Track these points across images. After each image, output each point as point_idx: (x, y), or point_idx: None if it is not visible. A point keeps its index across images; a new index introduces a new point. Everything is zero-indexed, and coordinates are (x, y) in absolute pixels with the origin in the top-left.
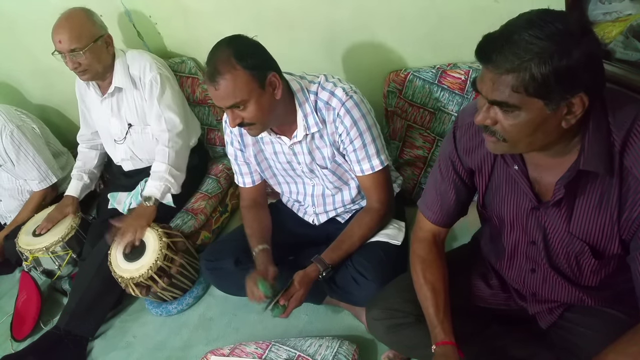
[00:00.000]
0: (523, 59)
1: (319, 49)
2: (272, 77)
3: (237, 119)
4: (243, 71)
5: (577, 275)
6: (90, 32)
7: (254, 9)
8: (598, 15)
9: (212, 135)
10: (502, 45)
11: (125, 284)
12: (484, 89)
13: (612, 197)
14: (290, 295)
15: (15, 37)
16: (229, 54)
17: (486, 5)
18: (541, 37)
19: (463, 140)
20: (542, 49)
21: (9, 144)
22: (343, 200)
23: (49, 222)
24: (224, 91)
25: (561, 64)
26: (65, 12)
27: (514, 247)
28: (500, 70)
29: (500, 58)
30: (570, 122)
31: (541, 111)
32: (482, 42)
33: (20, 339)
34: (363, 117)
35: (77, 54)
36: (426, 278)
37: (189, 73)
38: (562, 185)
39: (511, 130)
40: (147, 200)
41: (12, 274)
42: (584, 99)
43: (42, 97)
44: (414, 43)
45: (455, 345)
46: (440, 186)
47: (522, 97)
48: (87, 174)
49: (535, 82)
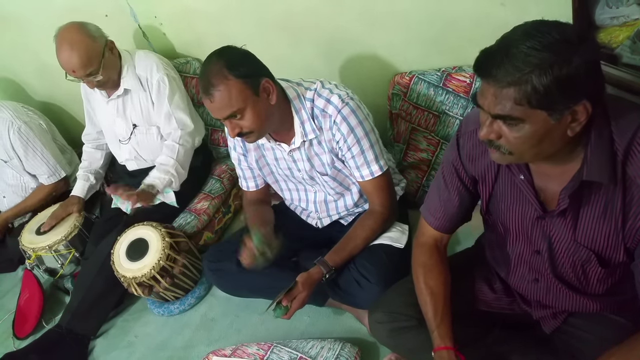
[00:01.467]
0: (523, 72)
1: (323, 51)
2: (265, 83)
3: (235, 128)
4: (235, 80)
5: (583, 284)
6: (97, 51)
7: (259, 11)
8: (605, 19)
9: (215, 135)
10: (502, 59)
11: (127, 284)
12: (486, 103)
13: (616, 206)
14: (292, 296)
15: (21, 36)
16: (221, 66)
17: (492, 9)
18: (539, 48)
19: (467, 148)
20: (541, 60)
21: (16, 140)
22: (346, 205)
23: (53, 219)
24: (220, 102)
25: (562, 73)
26: (64, 37)
27: (518, 256)
28: (502, 84)
29: (500, 72)
30: (576, 129)
31: (545, 122)
32: (480, 57)
33: (22, 337)
34: (360, 124)
35: (95, 76)
36: (426, 283)
37: (193, 73)
38: (566, 195)
39: (516, 143)
40: (149, 187)
41: (15, 272)
42: (587, 106)
43: (47, 96)
44: (419, 46)
45: (453, 349)
46: (444, 193)
47: (525, 110)
48: (92, 174)
49: (537, 94)
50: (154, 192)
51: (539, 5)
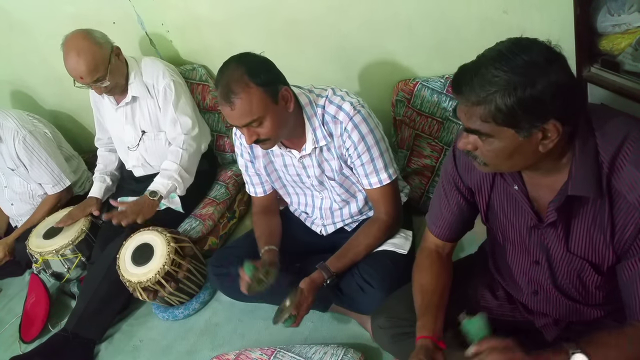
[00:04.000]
0: (488, 92)
1: (328, 59)
2: (284, 91)
3: (253, 135)
4: (257, 88)
5: (581, 293)
6: (103, 57)
7: (265, 20)
8: (607, 27)
9: (221, 141)
10: (471, 77)
11: (133, 288)
12: (461, 117)
13: (604, 218)
14: (299, 304)
15: (31, 44)
16: (242, 72)
17: (495, 16)
18: (506, 69)
19: (462, 159)
20: (506, 82)
21: (21, 149)
22: (351, 213)
23: (70, 218)
24: (241, 110)
25: (525, 94)
26: (71, 44)
27: (517, 267)
28: (470, 102)
29: (468, 90)
30: (548, 146)
31: (513, 138)
32: (456, 73)
33: (28, 340)
34: (371, 132)
35: (102, 82)
36: (418, 281)
37: (199, 80)
38: (553, 209)
39: (489, 155)
40: (152, 194)
41: (22, 276)
42: (557, 126)
43: (56, 103)
44: (422, 53)
45: (431, 337)
46: (444, 203)
47: (492, 126)
48: (108, 176)
49: (501, 113)
50: (157, 198)
51: (542, 12)
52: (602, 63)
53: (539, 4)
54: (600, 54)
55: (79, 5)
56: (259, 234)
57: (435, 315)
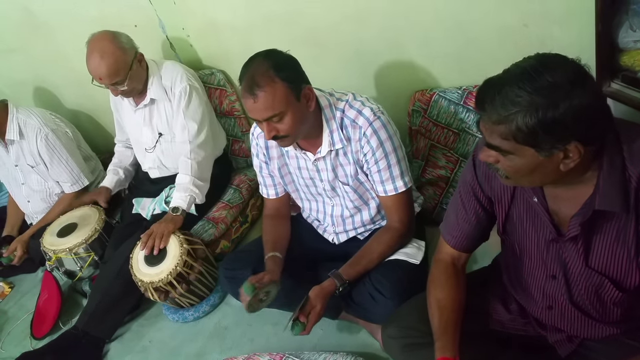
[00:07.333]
0: (510, 111)
1: (345, 66)
2: (307, 90)
3: (272, 131)
4: (282, 83)
5: (598, 310)
6: (125, 62)
7: (284, 26)
8: (629, 42)
9: (236, 146)
10: (494, 95)
11: (144, 288)
12: (483, 132)
13: (629, 233)
14: (307, 312)
15: (54, 45)
16: (268, 67)
17: (515, 27)
18: (529, 90)
19: (482, 167)
20: (529, 103)
21: (43, 147)
22: (362, 221)
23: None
24: (263, 103)
25: (547, 116)
26: (96, 45)
27: (533, 280)
28: (491, 119)
29: (490, 108)
30: (569, 165)
31: (534, 157)
32: (480, 87)
33: (39, 337)
34: (390, 139)
35: (120, 86)
36: (435, 296)
37: (217, 85)
38: (577, 223)
39: (509, 170)
40: (174, 210)
41: (35, 273)
42: (578, 147)
43: (76, 103)
44: (440, 63)
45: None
46: (461, 213)
47: (513, 144)
48: (122, 170)
49: (521, 133)
50: (180, 213)
51: (562, 27)
52: (622, 79)
53: (560, 19)
54: (621, 70)
55: (102, 9)
56: (266, 238)
57: (453, 335)
